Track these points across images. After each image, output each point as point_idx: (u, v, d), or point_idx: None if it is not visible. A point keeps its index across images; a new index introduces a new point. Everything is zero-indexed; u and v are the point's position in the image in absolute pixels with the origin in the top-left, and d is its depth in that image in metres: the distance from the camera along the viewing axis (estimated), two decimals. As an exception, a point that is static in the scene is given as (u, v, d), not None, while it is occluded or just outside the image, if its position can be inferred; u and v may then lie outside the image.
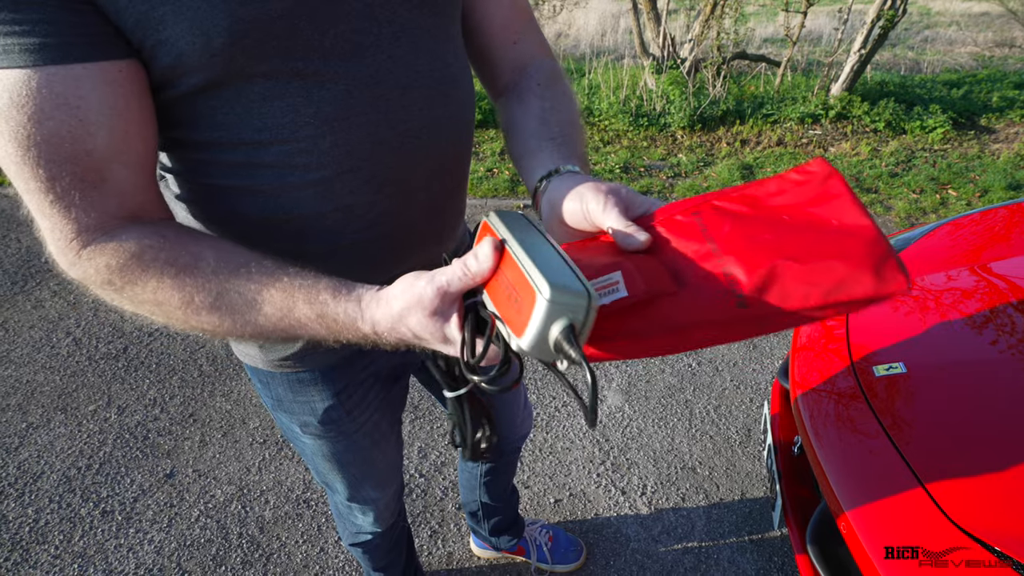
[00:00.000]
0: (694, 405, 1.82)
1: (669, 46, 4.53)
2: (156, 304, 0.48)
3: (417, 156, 0.57)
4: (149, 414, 1.85)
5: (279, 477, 1.63)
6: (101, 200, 0.45)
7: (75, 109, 0.41)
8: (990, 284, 1.29)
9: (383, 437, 0.84)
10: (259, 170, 0.52)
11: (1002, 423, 0.97)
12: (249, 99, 0.48)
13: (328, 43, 0.49)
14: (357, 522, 0.97)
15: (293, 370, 0.70)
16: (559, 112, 0.61)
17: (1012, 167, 3.37)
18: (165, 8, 0.42)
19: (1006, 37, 6.97)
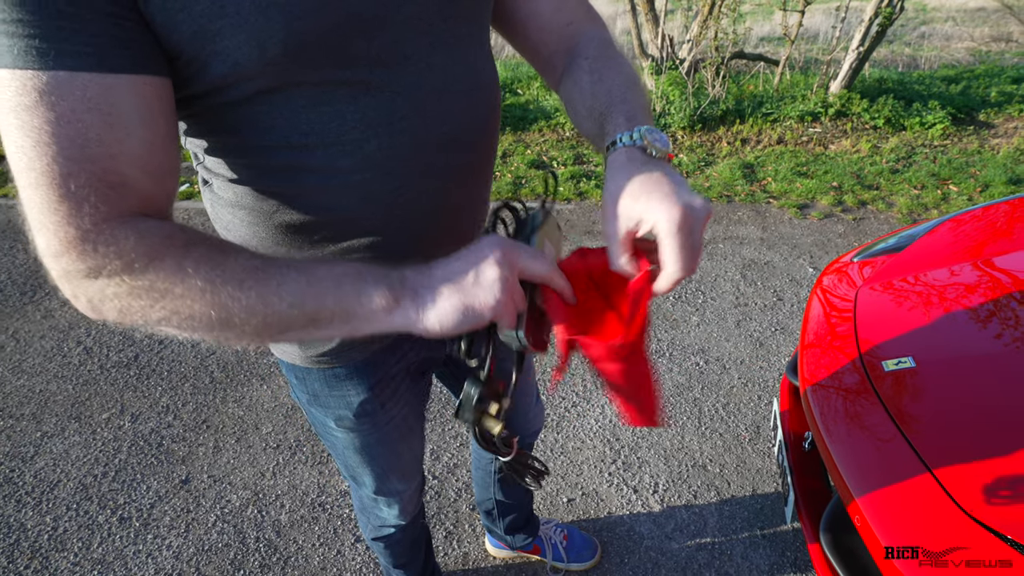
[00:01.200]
0: (703, 403, 1.83)
1: (668, 47, 4.55)
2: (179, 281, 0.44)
3: (452, 158, 0.60)
4: (163, 421, 1.86)
5: (294, 481, 1.65)
6: (118, 198, 0.44)
7: (106, 115, 0.42)
8: (993, 279, 1.31)
9: (410, 430, 0.87)
10: (303, 173, 0.54)
11: (1011, 415, 0.98)
12: (298, 104, 0.50)
13: (374, 53, 0.51)
14: (382, 515, 0.99)
15: (329, 366, 0.73)
16: (607, 80, 0.61)
17: (1012, 162, 3.39)
18: (223, 21, 0.44)
19: (1002, 32, 6.99)
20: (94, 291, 0.45)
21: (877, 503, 0.96)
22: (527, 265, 0.50)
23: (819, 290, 1.44)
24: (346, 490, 1.62)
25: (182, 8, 0.43)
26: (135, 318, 0.46)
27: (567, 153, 3.78)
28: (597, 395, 1.89)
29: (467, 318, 0.48)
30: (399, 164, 0.56)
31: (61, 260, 0.44)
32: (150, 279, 0.44)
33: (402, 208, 0.59)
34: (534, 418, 1.09)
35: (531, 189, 3.33)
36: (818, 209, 3.03)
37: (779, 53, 4.95)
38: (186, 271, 0.45)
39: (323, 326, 0.48)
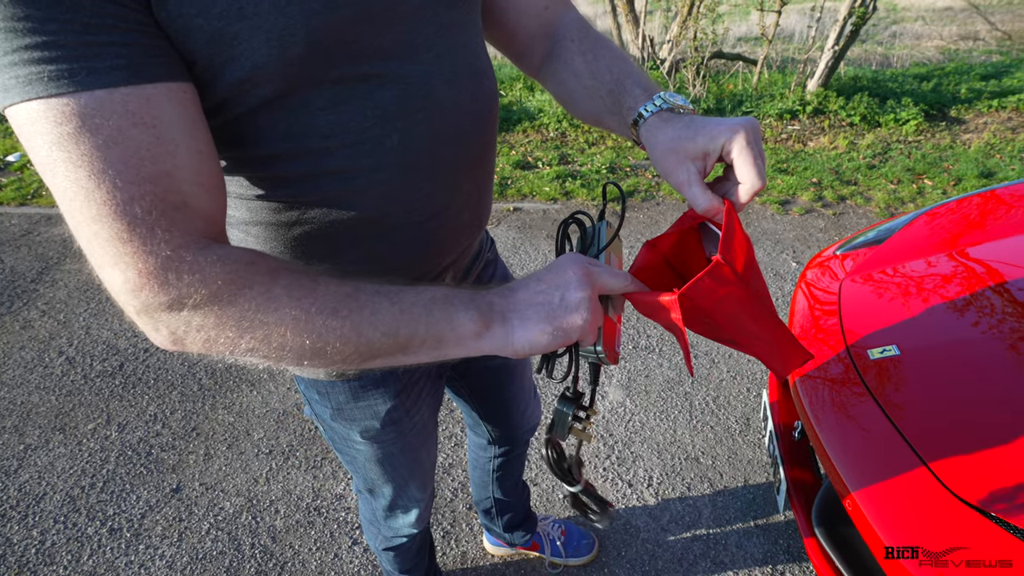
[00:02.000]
0: (693, 397, 1.86)
1: (648, 47, 4.60)
2: (272, 310, 0.43)
3: (464, 146, 0.60)
4: (151, 430, 1.83)
5: (288, 486, 1.64)
6: (185, 221, 0.42)
7: (151, 128, 0.39)
8: (968, 268, 1.35)
9: (429, 435, 0.87)
10: (324, 178, 0.53)
11: (991, 397, 1.02)
12: (316, 107, 0.49)
13: (386, 45, 0.51)
14: (396, 524, 0.98)
15: (355, 377, 0.72)
16: (601, 60, 0.62)
17: (983, 156, 3.49)
18: (241, 24, 0.42)
19: (970, 30, 7.20)
20: (178, 323, 0.42)
21: (868, 488, 0.99)
22: (606, 283, 0.51)
23: (803, 284, 1.48)
24: (341, 493, 1.61)
25: (199, 13, 0.41)
26: (221, 349, 0.44)
27: (552, 153, 3.80)
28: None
29: (556, 339, 0.49)
30: (418, 157, 0.56)
31: (141, 294, 0.41)
32: (240, 309, 0.42)
33: (421, 203, 0.59)
34: (531, 414, 1.10)
35: (517, 190, 3.34)
36: (799, 205, 3.09)
37: (757, 53, 5.03)
38: (278, 299, 0.43)
39: (412, 352, 0.48)
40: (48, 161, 0.38)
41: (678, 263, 0.61)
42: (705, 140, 0.51)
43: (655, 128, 0.55)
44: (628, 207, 3.17)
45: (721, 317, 0.52)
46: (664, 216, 3.05)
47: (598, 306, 0.50)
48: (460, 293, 0.49)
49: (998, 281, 1.25)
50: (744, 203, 0.53)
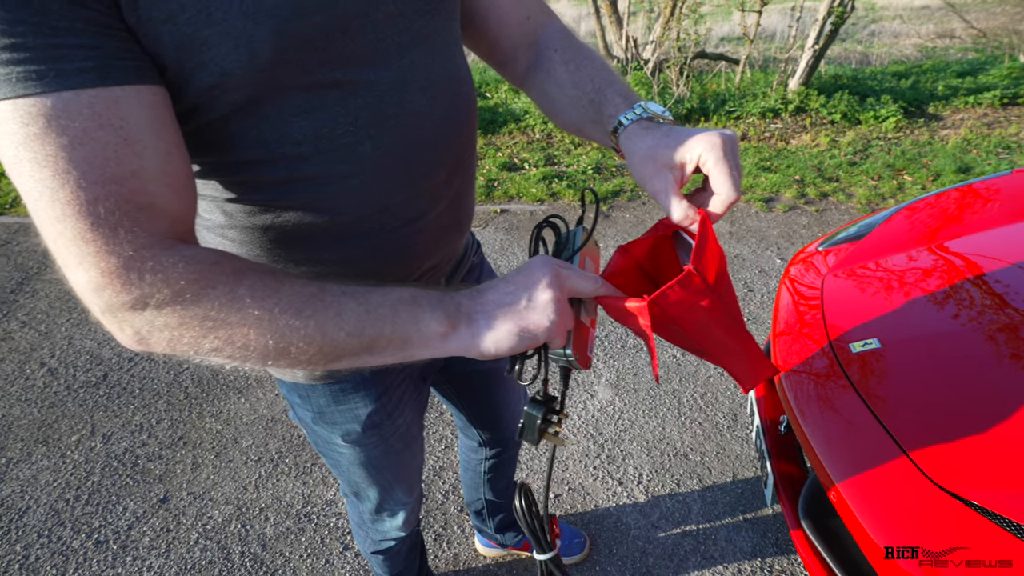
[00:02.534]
0: (681, 394, 1.88)
1: (632, 48, 4.64)
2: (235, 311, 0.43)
3: (442, 152, 0.60)
4: (136, 440, 1.81)
5: (277, 494, 1.62)
6: (150, 221, 0.42)
7: (118, 129, 0.40)
8: (948, 261, 1.38)
9: (413, 439, 0.87)
10: (299, 183, 0.54)
11: (971, 388, 1.04)
12: (288, 113, 0.49)
13: (359, 51, 0.51)
14: (384, 528, 0.98)
15: (335, 380, 0.72)
16: (583, 70, 0.63)
17: (960, 151, 3.56)
18: (210, 30, 0.43)
19: (946, 28, 7.34)
20: (142, 323, 0.43)
21: (851, 480, 1.01)
22: (576, 285, 0.51)
23: (787, 280, 1.50)
24: (332, 499, 1.60)
25: (167, 18, 0.41)
26: (185, 349, 0.44)
27: (538, 155, 3.81)
28: (579, 391, 1.91)
29: (522, 341, 0.49)
30: (393, 163, 0.56)
31: (104, 293, 0.41)
32: (203, 308, 0.43)
33: (397, 209, 0.59)
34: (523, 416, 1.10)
35: (503, 191, 3.35)
36: (783, 202, 3.13)
37: (739, 52, 5.09)
38: (242, 299, 0.43)
39: (378, 353, 0.48)
40: (15, 161, 0.38)
41: (652, 269, 0.61)
42: (683, 150, 0.52)
43: (634, 136, 0.56)
44: (614, 207, 3.18)
45: (689, 326, 0.53)
46: (650, 215, 3.07)
47: (568, 308, 0.51)
48: (428, 294, 0.49)
49: (976, 273, 1.28)
50: (719, 214, 0.54)
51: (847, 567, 1.05)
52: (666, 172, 0.53)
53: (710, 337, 0.55)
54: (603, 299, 0.54)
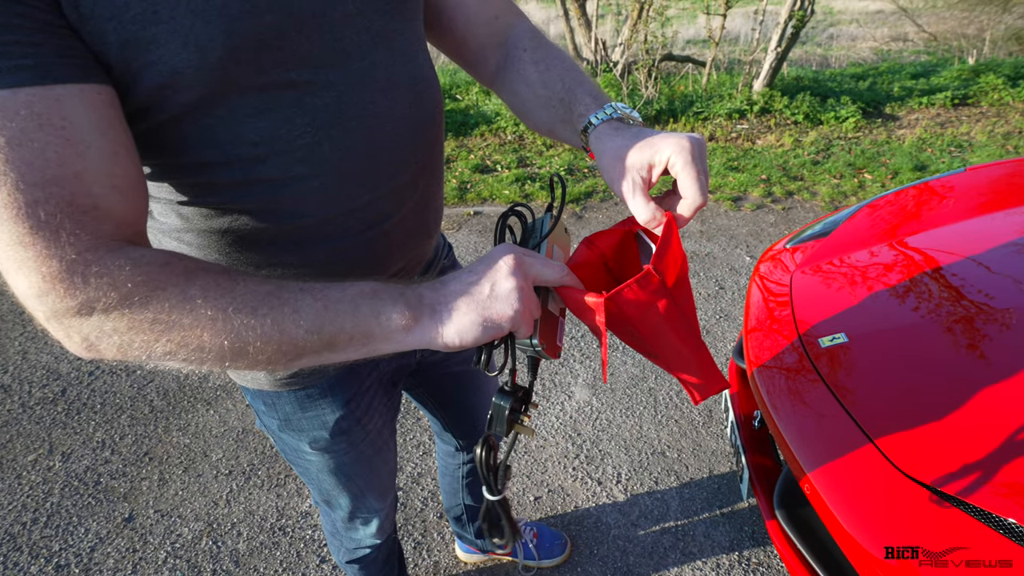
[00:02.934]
0: (657, 392, 1.90)
1: (601, 50, 4.68)
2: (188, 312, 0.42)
3: (405, 154, 0.59)
4: (98, 457, 1.73)
5: (250, 507, 1.58)
6: (94, 223, 0.40)
7: (60, 129, 0.38)
8: (907, 256, 1.43)
9: (384, 444, 0.85)
10: (256, 185, 0.52)
11: (933, 379, 1.08)
12: (243, 114, 0.48)
13: (316, 51, 0.50)
14: (357, 536, 0.96)
15: (301, 387, 0.70)
16: (553, 70, 0.63)
17: (916, 150, 3.70)
18: (158, 28, 0.41)
19: (900, 32, 7.64)
20: (89, 328, 0.41)
21: (823, 472, 1.03)
22: (540, 273, 0.50)
23: (757, 277, 1.53)
24: (307, 511, 1.56)
25: (111, 16, 0.40)
26: (137, 354, 0.43)
27: (510, 156, 3.81)
28: (557, 392, 1.91)
29: (486, 331, 0.48)
30: (354, 166, 0.55)
31: (47, 299, 0.40)
32: (153, 311, 0.41)
33: (360, 212, 0.58)
34: None
35: (476, 194, 3.34)
36: (750, 201, 3.20)
37: (704, 55, 5.20)
38: (193, 300, 0.42)
39: (340, 349, 0.47)
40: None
41: (615, 265, 0.61)
42: (651, 152, 0.52)
43: (604, 136, 0.56)
44: (586, 207, 3.21)
45: (644, 327, 0.53)
46: (622, 216, 3.10)
47: (533, 297, 0.50)
48: (389, 287, 0.48)
49: (934, 267, 1.33)
50: (687, 218, 0.54)
51: (820, 556, 1.08)
52: (634, 173, 0.52)
53: (663, 340, 0.55)
54: (563, 290, 0.53)
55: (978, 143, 3.78)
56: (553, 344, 0.55)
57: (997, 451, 0.92)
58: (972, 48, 5.81)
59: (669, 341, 0.56)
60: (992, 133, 3.92)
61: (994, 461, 0.91)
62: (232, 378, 0.73)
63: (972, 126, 4.07)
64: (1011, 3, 6.59)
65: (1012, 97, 4.39)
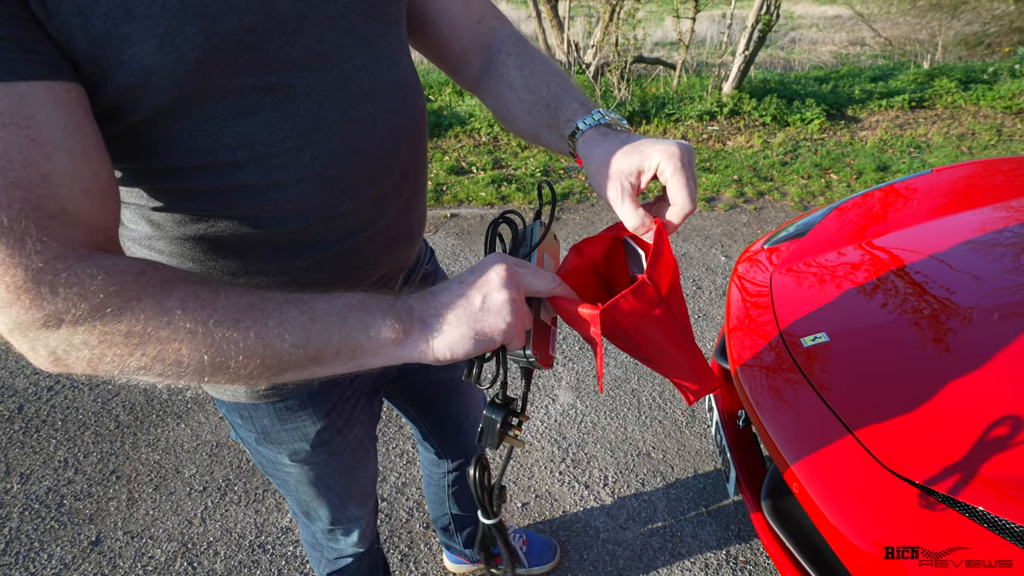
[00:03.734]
0: (640, 394, 1.90)
1: (573, 52, 4.71)
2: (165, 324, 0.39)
3: (388, 160, 0.58)
4: (61, 477, 1.64)
5: (227, 525, 1.52)
6: (63, 229, 0.38)
7: (24, 128, 0.36)
8: (875, 257, 1.47)
9: (366, 453, 0.84)
10: (235, 192, 0.50)
11: (910, 374, 1.11)
12: (221, 118, 0.46)
13: (296, 54, 0.48)
14: (338, 546, 0.94)
15: (280, 398, 0.68)
16: (537, 75, 0.63)
17: (878, 151, 3.84)
18: (130, 26, 0.39)
19: (857, 36, 7.92)
20: (57, 342, 0.38)
21: (809, 468, 1.05)
22: (532, 284, 0.49)
23: (736, 278, 1.55)
24: (287, 526, 1.51)
25: (79, 12, 0.38)
26: (108, 368, 0.40)
27: (485, 158, 3.79)
28: (541, 396, 1.90)
29: (479, 344, 0.46)
30: (336, 172, 0.54)
31: (11, 311, 0.37)
32: (127, 323, 0.39)
33: (342, 218, 0.56)
34: None
35: (452, 196, 3.31)
36: (723, 201, 3.25)
37: (673, 57, 5.28)
38: (171, 312, 0.40)
39: (326, 364, 0.45)
40: None
41: (605, 271, 0.60)
42: (640, 158, 0.51)
43: (592, 142, 0.55)
44: (564, 209, 3.21)
45: (639, 336, 0.53)
46: (600, 217, 3.12)
47: (525, 308, 0.49)
48: (378, 299, 0.46)
49: (911, 266, 1.37)
50: (676, 224, 0.53)
51: (804, 548, 1.10)
52: (623, 179, 0.52)
53: (658, 347, 0.55)
54: (556, 300, 0.52)
55: (935, 144, 3.94)
56: (546, 354, 0.54)
57: (977, 447, 0.95)
58: (926, 53, 6.07)
59: (664, 347, 0.56)
60: (948, 135, 4.09)
61: (974, 456, 0.94)
62: (205, 389, 0.70)
63: (929, 128, 4.24)
64: (959, 10, 6.91)
65: (964, 100, 4.59)
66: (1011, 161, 1.89)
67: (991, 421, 0.98)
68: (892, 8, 8.37)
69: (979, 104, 4.55)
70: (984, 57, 6.34)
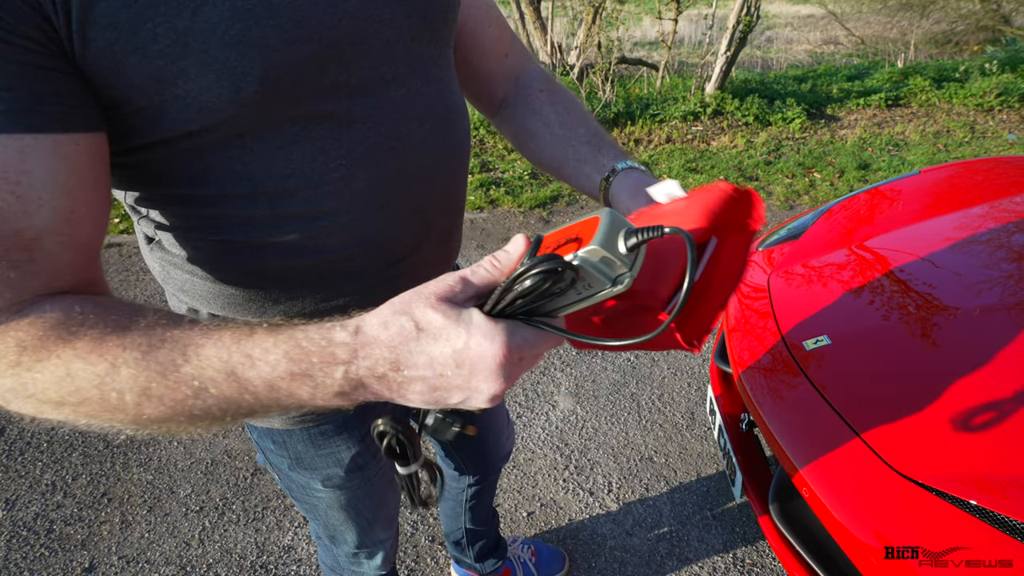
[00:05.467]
0: (639, 397, 1.91)
1: (557, 53, 4.71)
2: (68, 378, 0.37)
3: (435, 185, 0.58)
4: (49, 502, 1.59)
5: (226, 545, 1.48)
6: (21, 280, 0.38)
7: (14, 184, 0.36)
8: (872, 259, 1.50)
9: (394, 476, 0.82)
10: (285, 219, 0.49)
11: (914, 375, 1.13)
12: (275, 146, 0.45)
13: (354, 81, 0.48)
14: (360, 570, 0.93)
15: (315, 424, 0.67)
16: (573, 113, 0.66)
17: (858, 149, 3.91)
18: (187, 61, 0.39)
19: (831, 35, 8.08)
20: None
21: (819, 472, 1.06)
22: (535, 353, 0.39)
23: (734, 280, 1.56)
24: (289, 544, 1.48)
25: (135, 49, 0.37)
26: (49, 416, 0.40)
27: (472, 161, 3.77)
28: (540, 403, 1.90)
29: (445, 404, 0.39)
30: (387, 199, 0.53)
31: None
32: (35, 377, 0.37)
33: (389, 244, 0.56)
34: (506, 440, 1.07)
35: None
36: (711, 202, 3.28)
37: (653, 57, 5.32)
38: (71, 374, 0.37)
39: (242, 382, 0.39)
40: None
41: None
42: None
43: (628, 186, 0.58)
44: (553, 212, 3.21)
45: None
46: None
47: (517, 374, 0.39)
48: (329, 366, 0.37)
49: (895, 266, 1.40)
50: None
51: (814, 551, 1.11)
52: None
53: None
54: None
55: (913, 142, 4.04)
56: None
57: (982, 445, 0.97)
58: (898, 51, 6.21)
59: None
60: (924, 132, 4.19)
61: (980, 455, 0.96)
62: None
63: (906, 126, 4.34)
64: (928, 9, 7.09)
65: (938, 98, 4.71)
66: (993, 161, 1.94)
67: (994, 419, 1.01)
68: (864, 7, 8.55)
69: (952, 102, 4.67)
70: (953, 55, 6.52)
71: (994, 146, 3.94)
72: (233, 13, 0.40)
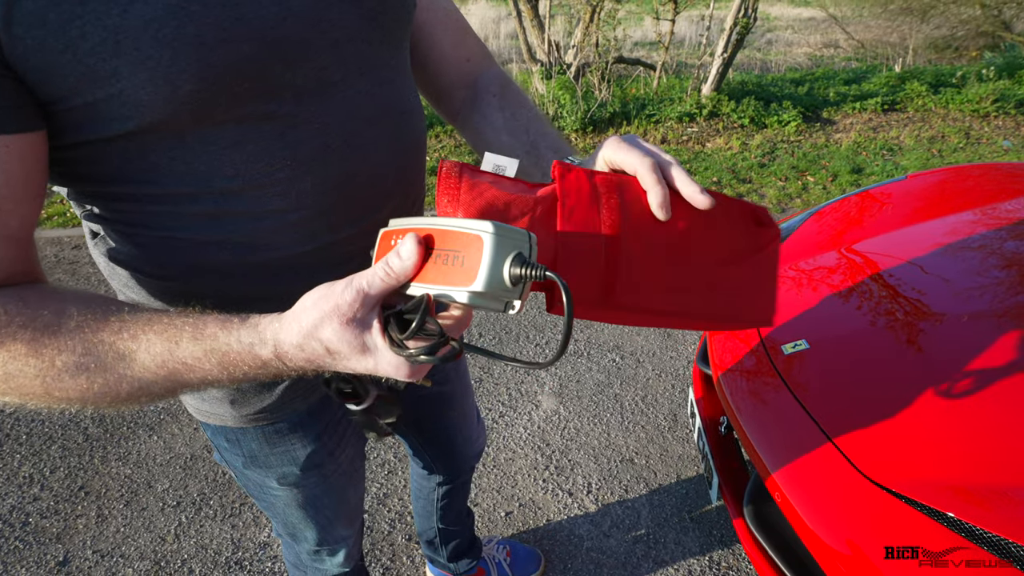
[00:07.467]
0: (623, 398, 1.91)
1: (554, 52, 4.70)
2: (7, 379, 0.41)
3: (388, 187, 0.57)
4: (25, 495, 1.58)
5: (202, 541, 1.47)
6: None
7: None
8: (854, 263, 1.49)
9: (355, 473, 0.82)
10: (230, 218, 0.49)
11: (890, 382, 1.12)
12: (218, 146, 0.45)
13: (299, 82, 0.47)
14: (323, 567, 0.92)
15: (269, 422, 0.66)
16: (519, 120, 0.64)
17: (852, 153, 3.91)
18: (120, 60, 0.38)
19: (831, 39, 8.07)
20: None
21: (790, 476, 1.06)
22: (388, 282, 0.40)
23: (718, 282, 1.55)
24: (265, 541, 1.48)
25: (65, 48, 0.37)
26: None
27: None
28: (523, 402, 1.89)
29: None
30: (336, 200, 0.52)
31: None
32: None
33: (341, 244, 0.55)
34: (476, 439, 1.07)
35: (432, 198, 3.27)
36: (703, 203, 3.28)
37: (651, 57, 5.31)
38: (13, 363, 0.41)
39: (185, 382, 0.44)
40: None
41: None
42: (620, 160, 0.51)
43: None
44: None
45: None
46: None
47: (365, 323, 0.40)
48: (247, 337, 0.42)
49: (877, 271, 1.40)
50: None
51: (784, 553, 1.11)
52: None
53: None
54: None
55: (907, 147, 4.03)
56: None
57: (955, 454, 0.96)
58: (897, 56, 6.21)
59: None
60: (919, 137, 4.19)
61: (951, 464, 0.95)
62: (190, 412, 0.68)
63: (901, 131, 4.33)
64: (928, 14, 7.08)
65: (934, 103, 4.71)
66: (980, 168, 1.94)
67: (968, 428, 1.00)
68: (864, 11, 8.55)
69: (948, 107, 4.67)
70: (952, 60, 6.51)
71: (988, 152, 3.93)
72: (167, 11, 0.39)
